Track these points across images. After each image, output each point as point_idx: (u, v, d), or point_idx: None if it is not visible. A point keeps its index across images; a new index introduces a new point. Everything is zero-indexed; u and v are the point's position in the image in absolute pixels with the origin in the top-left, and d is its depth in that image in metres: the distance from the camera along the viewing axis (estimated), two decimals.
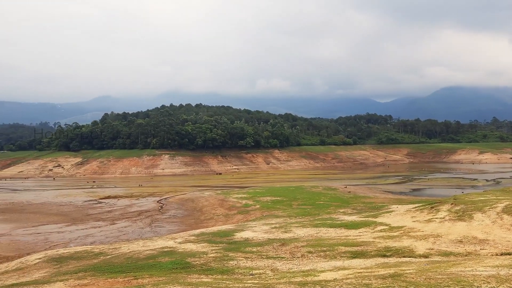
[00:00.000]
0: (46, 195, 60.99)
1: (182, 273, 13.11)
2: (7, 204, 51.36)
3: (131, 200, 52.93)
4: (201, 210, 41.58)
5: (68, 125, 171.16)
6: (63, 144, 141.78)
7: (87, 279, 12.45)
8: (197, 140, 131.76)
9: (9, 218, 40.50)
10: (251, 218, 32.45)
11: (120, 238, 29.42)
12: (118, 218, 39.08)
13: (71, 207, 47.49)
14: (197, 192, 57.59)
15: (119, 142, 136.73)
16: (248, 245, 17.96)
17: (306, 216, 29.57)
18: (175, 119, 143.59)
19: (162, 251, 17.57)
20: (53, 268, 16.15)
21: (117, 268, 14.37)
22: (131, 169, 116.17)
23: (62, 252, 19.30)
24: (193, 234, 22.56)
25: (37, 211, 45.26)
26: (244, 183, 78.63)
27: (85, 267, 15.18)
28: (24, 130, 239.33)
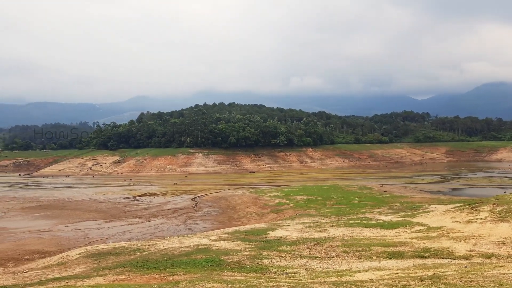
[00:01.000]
0: (85, 193, 63.10)
1: (216, 270, 13.20)
2: (49, 201, 53.49)
3: (166, 198, 53.92)
4: (235, 208, 41.82)
5: (106, 124, 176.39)
6: (102, 143, 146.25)
7: (125, 275, 12.75)
8: (230, 138, 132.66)
9: (51, 215, 42.14)
10: (285, 217, 32.33)
11: (156, 235, 30.00)
12: (154, 215, 39.89)
13: (109, 204, 48.89)
14: (230, 191, 57.97)
15: (154, 141, 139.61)
16: (282, 244, 17.89)
17: (341, 216, 29.16)
18: (209, 118, 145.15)
19: (197, 248, 17.77)
20: (93, 263, 16.65)
21: (153, 264, 14.66)
22: (166, 168, 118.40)
23: (101, 248, 19.89)
24: (227, 232, 22.69)
25: (77, 207, 46.88)
26: (277, 181, 78.49)
27: (123, 262, 15.56)
28: (65, 129, 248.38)
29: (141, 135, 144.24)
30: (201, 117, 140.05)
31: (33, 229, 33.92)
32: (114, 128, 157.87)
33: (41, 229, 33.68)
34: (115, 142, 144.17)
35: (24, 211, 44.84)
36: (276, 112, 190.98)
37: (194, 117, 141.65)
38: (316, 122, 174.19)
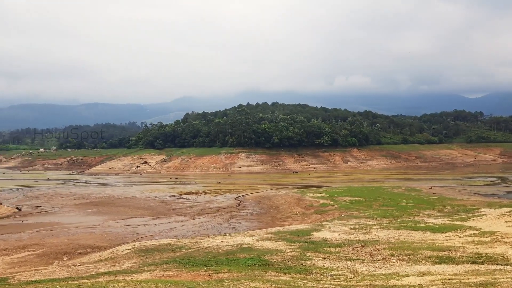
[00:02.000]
0: (134, 190, 65.29)
1: (260, 270, 13.18)
2: (100, 197, 55.80)
3: (210, 197, 54.74)
4: (278, 208, 41.75)
5: (153, 124, 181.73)
6: (149, 142, 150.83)
7: (171, 271, 13.03)
8: (273, 138, 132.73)
9: (102, 211, 43.94)
10: (329, 218, 31.89)
11: (200, 233, 30.50)
12: (198, 214, 40.60)
13: (156, 202, 50.30)
14: (273, 190, 57.97)
15: (199, 141, 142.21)
16: (326, 246, 17.63)
17: (387, 218, 28.37)
18: (252, 118, 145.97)
19: (240, 247, 17.85)
20: (141, 258, 17.15)
21: (198, 262, 14.86)
22: (210, 167, 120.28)
23: (149, 244, 20.46)
24: (270, 232, 22.66)
25: (126, 204, 48.58)
26: (321, 182, 77.63)
27: (169, 259, 15.91)
28: (114, 129, 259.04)
29: (186, 134, 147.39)
30: (244, 117, 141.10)
31: (85, 224, 35.50)
32: (160, 128, 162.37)
33: (93, 225, 35.18)
34: (162, 141, 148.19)
35: (77, 207, 47.05)
36: (320, 112, 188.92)
37: (237, 117, 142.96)
38: (362, 122, 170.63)
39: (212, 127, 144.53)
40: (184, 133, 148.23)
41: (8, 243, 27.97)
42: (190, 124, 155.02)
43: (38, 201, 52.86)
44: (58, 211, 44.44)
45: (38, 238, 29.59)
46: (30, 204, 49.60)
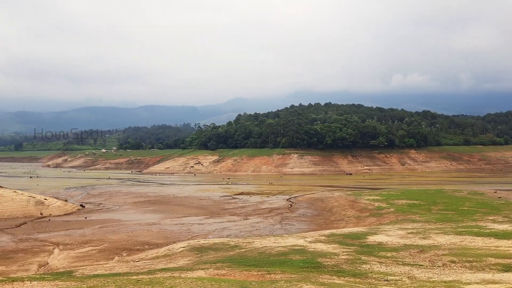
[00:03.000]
0: (188, 190, 67.01)
1: (313, 272, 13.02)
2: (157, 196, 57.79)
3: (262, 197, 54.94)
4: (331, 211, 41.09)
5: (206, 125, 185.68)
6: (202, 143, 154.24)
7: (224, 270, 13.17)
8: (326, 139, 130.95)
9: (158, 209, 45.46)
10: (385, 221, 30.90)
11: (252, 233, 30.67)
12: (251, 214, 40.87)
13: (209, 201, 51.28)
14: (326, 192, 57.17)
15: (251, 142, 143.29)
16: (382, 250, 17.07)
17: (448, 223, 26.99)
18: (304, 119, 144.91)
19: (293, 249, 17.72)
20: (195, 256, 17.51)
21: (251, 262, 14.92)
22: (261, 167, 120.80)
23: (203, 243, 20.86)
24: (323, 234, 22.33)
25: (181, 203, 49.95)
26: (376, 184, 75.51)
27: (223, 258, 16.11)
28: (170, 130, 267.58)
29: (238, 135, 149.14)
30: (296, 118, 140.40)
31: (143, 222, 36.89)
32: (213, 129, 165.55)
33: (150, 222, 36.47)
34: (215, 142, 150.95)
35: (135, 205, 49.03)
36: (376, 112, 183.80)
37: (289, 117, 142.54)
38: (420, 122, 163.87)
39: (264, 128, 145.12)
40: (236, 134, 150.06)
41: (73, 238, 29.68)
42: (242, 125, 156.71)
43: (100, 199, 55.68)
44: (118, 208, 46.54)
45: (100, 234, 31.14)
46: (93, 201, 52.35)
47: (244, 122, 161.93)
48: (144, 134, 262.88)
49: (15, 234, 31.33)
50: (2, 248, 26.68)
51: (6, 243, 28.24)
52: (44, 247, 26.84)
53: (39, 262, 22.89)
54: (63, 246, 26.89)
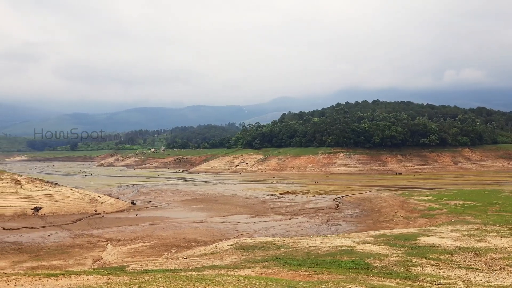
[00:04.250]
0: (233, 188, 67.68)
1: (362, 273, 12.72)
2: (203, 195, 58.81)
3: (308, 197, 54.48)
4: (380, 211, 40.04)
5: (251, 125, 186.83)
6: (247, 142, 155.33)
7: (271, 269, 13.14)
8: (374, 138, 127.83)
9: (205, 207, 46.24)
10: (437, 223, 29.68)
11: (298, 233, 30.47)
12: (296, 214, 40.63)
13: (254, 200, 51.52)
14: (374, 192, 55.81)
15: (295, 141, 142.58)
16: (434, 252, 16.40)
17: (506, 225, 25.49)
18: (351, 117, 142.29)
19: (340, 249, 17.43)
20: (241, 255, 17.62)
21: (297, 262, 14.81)
22: (307, 167, 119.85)
23: (249, 241, 20.96)
24: (372, 235, 21.79)
25: (226, 202, 50.54)
26: (427, 184, 72.78)
27: (269, 257, 16.10)
28: (215, 130, 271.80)
29: (283, 134, 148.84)
30: (342, 116, 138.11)
31: (190, 219, 37.66)
32: (258, 128, 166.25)
33: (197, 220, 37.17)
34: (259, 141, 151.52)
35: (182, 203, 50.17)
36: (426, 109, 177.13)
37: (335, 116, 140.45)
38: (474, 119, 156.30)
39: (309, 126, 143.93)
40: (281, 133, 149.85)
41: (125, 234, 30.81)
42: (287, 124, 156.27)
43: (150, 196, 57.46)
44: (166, 206, 47.81)
45: (150, 231, 32.12)
46: (143, 199, 54.10)
47: (289, 121, 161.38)
48: (191, 133, 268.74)
49: (72, 230, 32.99)
50: (60, 243, 28.17)
51: (64, 238, 29.79)
52: (98, 242, 28.06)
53: (93, 257, 23.96)
54: (115, 242, 27.98)
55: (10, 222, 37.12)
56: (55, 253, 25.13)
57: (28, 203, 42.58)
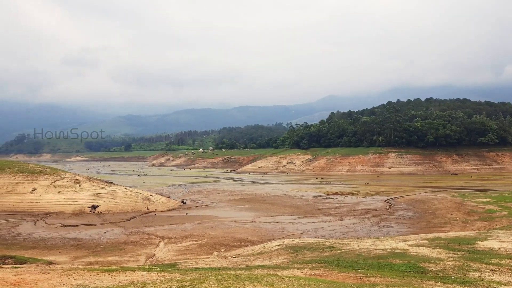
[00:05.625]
0: (281, 189, 67.60)
1: (415, 277, 12.29)
2: (250, 195, 59.20)
3: (358, 198, 53.35)
4: (434, 213, 38.47)
5: (298, 125, 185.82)
6: (294, 142, 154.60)
7: (320, 270, 12.98)
8: (427, 137, 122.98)
9: (253, 207, 46.51)
10: (497, 226, 28.08)
11: (348, 234, 29.92)
12: (346, 215, 39.91)
13: (302, 201, 51.17)
14: (428, 193, 53.71)
15: (344, 140, 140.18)
16: (494, 256, 15.51)
17: None
18: (403, 116, 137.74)
19: (393, 252, 16.94)
20: (290, 255, 17.55)
21: (348, 264, 14.55)
22: (356, 167, 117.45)
23: (297, 242, 20.85)
24: (426, 238, 21.00)
25: (274, 202, 50.56)
26: (486, 185, 69.05)
27: (318, 258, 15.92)
28: (262, 130, 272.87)
29: (331, 134, 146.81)
30: (394, 115, 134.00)
31: (238, 219, 38.04)
32: (305, 128, 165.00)
33: (245, 220, 37.48)
34: (307, 141, 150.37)
35: (231, 203, 50.77)
36: (484, 107, 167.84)
37: (386, 115, 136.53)
38: None
39: (358, 126, 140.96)
40: (329, 133, 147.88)
41: (176, 232, 31.65)
42: (335, 123, 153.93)
43: (199, 196, 58.67)
44: (215, 205, 48.60)
45: (200, 229, 32.79)
46: (192, 198, 55.33)
47: (337, 121, 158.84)
48: (238, 134, 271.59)
49: (126, 227, 34.34)
50: (115, 240, 29.41)
51: (119, 235, 31.08)
52: (151, 240, 29.03)
53: (147, 253, 24.80)
54: (167, 240, 28.81)
55: (70, 219, 39.27)
56: (111, 249, 26.27)
57: (86, 201, 44.85)
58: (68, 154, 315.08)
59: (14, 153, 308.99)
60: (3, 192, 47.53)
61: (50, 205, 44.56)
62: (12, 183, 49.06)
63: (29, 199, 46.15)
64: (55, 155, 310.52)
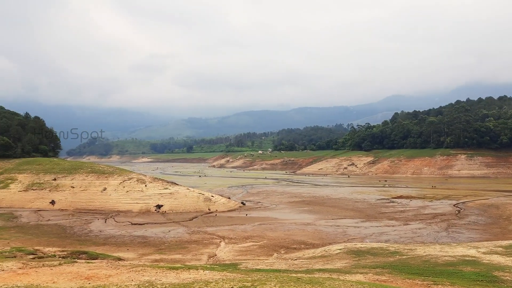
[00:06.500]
0: (342, 191, 66.29)
1: (488, 286, 11.52)
2: (310, 197, 58.62)
3: (424, 202, 50.97)
4: (509, 219, 35.84)
5: (360, 125, 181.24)
6: (356, 144, 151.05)
7: (385, 276, 12.52)
8: (501, 138, 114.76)
9: (313, 210, 46.01)
10: None
11: (414, 240, 28.70)
12: (411, 219, 38.29)
13: (365, 204, 49.80)
14: (502, 198, 50.20)
15: (409, 141, 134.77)
16: None
17: None
18: (473, 115, 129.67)
19: (463, 259, 16.01)
20: (352, 260, 17.11)
21: (414, 270, 13.95)
22: (422, 169, 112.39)
23: (360, 246, 20.30)
24: (500, 245, 19.62)
25: (335, 205, 49.68)
26: None
27: (382, 263, 15.38)
28: (322, 131, 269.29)
29: (395, 135, 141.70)
30: (463, 114, 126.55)
31: (298, 221, 37.81)
32: (367, 129, 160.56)
33: (305, 222, 37.16)
34: (369, 143, 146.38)
35: (290, 205, 50.60)
36: None
37: (455, 114, 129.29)
38: None
39: (424, 126, 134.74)
40: (393, 134, 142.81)
41: (236, 233, 32.10)
42: (399, 124, 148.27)
43: (258, 197, 59.09)
44: (274, 207, 48.68)
45: (259, 230, 33.00)
46: (252, 200, 55.84)
47: (402, 121, 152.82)
48: (297, 135, 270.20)
49: (189, 227, 35.39)
50: (179, 238, 30.41)
51: (182, 234, 32.10)
52: (212, 239, 29.67)
53: (208, 253, 25.37)
54: (228, 240, 29.30)
55: (137, 217, 41.21)
56: (175, 247, 27.20)
57: (151, 200, 46.85)
58: (134, 156, 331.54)
59: (87, 154, 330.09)
60: (77, 191, 51.00)
61: (119, 204, 47.10)
62: (85, 183, 52.51)
63: (100, 198, 49.12)
64: (123, 157, 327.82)
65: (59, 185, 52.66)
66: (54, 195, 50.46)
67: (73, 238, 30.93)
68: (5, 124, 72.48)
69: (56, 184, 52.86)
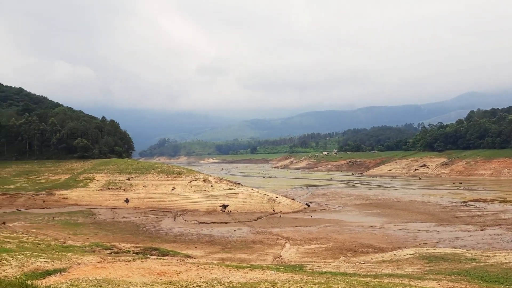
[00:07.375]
0: (412, 194, 63.42)
1: None
2: (378, 199, 56.73)
3: (504, 206, 47.30)
4: None
5: (432, 125, 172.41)
6: (427, 144, 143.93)
7: (461, 283, 11.75)
8: None
9: (381, 213, 44.46)
10: None
11: (493, 246, 26.71)
12: (490, 224, 35.69)
13: (437, 207, 47.26)
14: None
15: (487, 141, 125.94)
16: None
17: None
18: None
19: None
20: (424, 265, 16.27)
21: (493, 278, 12.98)
22: (502, 171, 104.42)
23: (432, 252, 19.26)
24: None
25: (405, 208, 47.63)
26: None
27: (457, 270, 14.46)
28: (390, 131, 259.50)
29: (470, 135, 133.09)
30: None
31: (365, 224, 36.73)
32: (440, 128, 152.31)
33: (373, 225, 36.02)
34: (441, 143, 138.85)
35: (356, 207, 49.32)
36: None
37: None
38: None
39: (504, 125, 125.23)
40: (468, 133, 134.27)
41: (301, 234, 31.88)
42: (475, 123, 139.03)
43: (323, 199, 58.27)
44: (340, 209, 47.71)
45: (325, 233, 32.51)
46: (317, 201, 55.18)
47: (478, 120, 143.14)
48: (363, 136, 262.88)
49: (253, 227, 35.75)
50: (244, 238, 30.82)
51: (247, 234, 32.50)
52: (277, 240, 29.72)
53: (273, 253, 25.43)
54: (293, 241, 29.18)
55: (204, 216, 42.40)
56: (240, 247, 27.60)
57: (217, 200, 47.99)
58: (201, 157, 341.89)
59: (157, 155, 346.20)
60: (149, 190, 53.62)
61: (187, 203, 48.80)
62: (156, 182, 55.07)
63: (169, 197, 51.25)
64: (190, 157, 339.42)
65: (132, 184, 55.73)
66: (128, 193, 53.45)
67: (145, 235, 32.53)
68: (84, 127, 78.17)
69: (130, 184, 55.98)
